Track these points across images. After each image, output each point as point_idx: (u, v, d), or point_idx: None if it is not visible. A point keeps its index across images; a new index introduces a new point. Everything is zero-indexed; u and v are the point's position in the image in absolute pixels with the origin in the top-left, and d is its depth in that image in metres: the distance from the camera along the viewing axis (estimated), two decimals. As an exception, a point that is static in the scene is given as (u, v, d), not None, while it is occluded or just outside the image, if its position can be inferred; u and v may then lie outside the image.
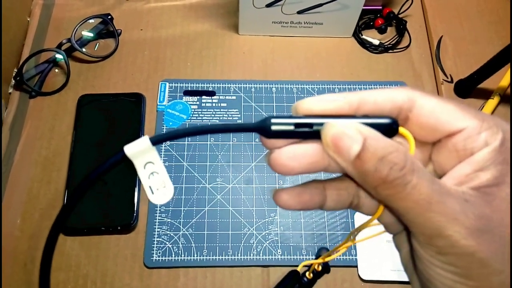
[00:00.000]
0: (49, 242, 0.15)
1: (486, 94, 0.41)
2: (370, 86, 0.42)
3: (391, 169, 0.12)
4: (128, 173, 0.37)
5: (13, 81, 0.41)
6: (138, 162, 0.14)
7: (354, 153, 0.12)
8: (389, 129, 0.13)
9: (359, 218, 0.36)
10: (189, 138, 0.39)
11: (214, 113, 0.40)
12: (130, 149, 0.14)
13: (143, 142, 0.14)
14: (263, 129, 0.13)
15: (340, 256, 0.35)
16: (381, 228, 0.15)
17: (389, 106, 0.13)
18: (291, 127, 0.13)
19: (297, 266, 0.34)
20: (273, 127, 0.13)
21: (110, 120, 0.39)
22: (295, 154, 0.13)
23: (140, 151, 0.14)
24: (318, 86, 0.42)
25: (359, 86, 0.42)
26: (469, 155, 0.13)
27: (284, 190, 0.14)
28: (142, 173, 0.14)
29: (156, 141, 0.14)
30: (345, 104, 0.13)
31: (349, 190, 0.15)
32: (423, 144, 0.14)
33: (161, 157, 0.38)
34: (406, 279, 0.34)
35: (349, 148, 0.12)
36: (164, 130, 0.39)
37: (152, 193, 0.14)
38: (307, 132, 0.13)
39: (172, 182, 0.38)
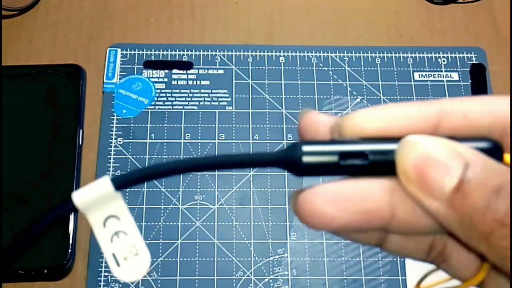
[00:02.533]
0: None
1: None
2: (430, 54, 0.41)
3: None
4: (59, 187, 0.36)
5: None
6: (94, 217, 0.13)
7: (452, 183, 0.12)
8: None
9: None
10: (152, 134, 0.39)
11: (190, 95, 0.40)
12: (81, 197, 0.13)
13: (101, 186, 0.13)
14: (290, 162, 0.13)
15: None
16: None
17: (487, 121, 0.13)
18: (335, 158, 0.13)
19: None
20: (306, 158, 0.13)
21: (31, 106, 0.38)
22: (340, 196, 0.13)
23: (97, 200, 0.13)
24: (350, 55, 0.41)
25: (413, 54, 0.41)
26: None
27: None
28: (100, 234, 0.14)
29: (122, 184, 0.13)
30: (418, 119, 0.13)
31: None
32: None
33: (109, 162, 0.38)
34: None
35: (443, 177, 0.12)
36: (115, 120, 0.39)
37: (118, 264, 0.13)
38: (360, 166, 0.13)
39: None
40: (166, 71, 0.40)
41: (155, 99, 0.40)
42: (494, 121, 0.13)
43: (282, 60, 0.41)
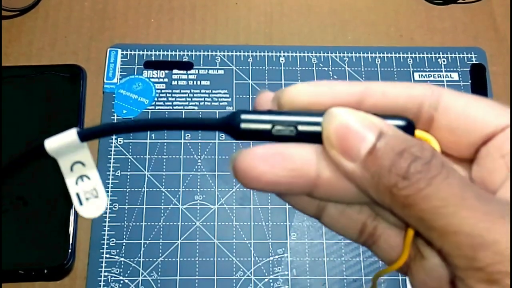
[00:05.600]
0: None
1: None
2: (430, 54, 0.42)
3: (412, 161, 0.13)
4: (59, 188, 0.37)
5: None
6: (63, 162, 0.16)
7: (366, 148, 0.14)
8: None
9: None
10: (152, 134, 0.39)
11: (191, 95, 0.40)
12: (52, 144, 0.15)
13: (69, 136, 0.15)
14: (230, 127, 0.15)
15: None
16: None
17: (403, 99, 0.15)
18: (268, 126, 0.15)
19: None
20: (243, 125, 0.15)
21: (32, 107, 0.39)
22: (269, 154, 0.14)
23: (65, 148, 0.15)
24: (350, 55, 0.42)
25: (413, 55, 0.42)
26: None
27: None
28: (68, 176, 0.16)
29: (86, 135, 0.15)
30: (343, 94, 0.15)
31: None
32: (458, 161, 0.16)
33: (109, 162, 0.38)
34: None
35: (359, 143, 0.14)
36: (115, 120, 0.39)
37: (81, 203, 0.16)
38: (289, 136, 0.15)
39: (107, 192, 0.38)
40: (167, 71, 0.41)
41: (156, 99, 0.40)
42: (409, 101, 0.15)
43: (282, 61, 0.42)
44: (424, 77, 0.41)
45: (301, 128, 0.15)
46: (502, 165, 0.14)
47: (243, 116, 0.15)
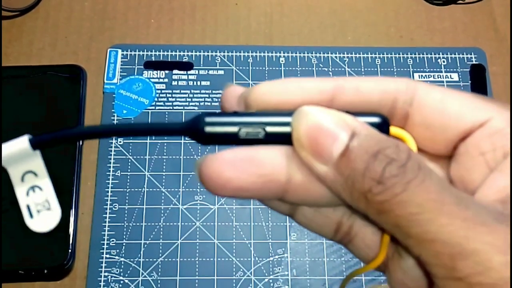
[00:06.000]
0: None
1: None
2: (429, 55, 0.42)
3: (387, 164, 0.12)
4: (59, 188, 0.37)
5: None
6: (13, 171, 0.15)
7: (339, 150, 0.13)
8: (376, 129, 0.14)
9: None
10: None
11: (191, 95, 0.40)
12: (2, 152, 0.15)
13: (20, 143, 0.15)
14: (194, 131, 0.14)
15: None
16: None
17: (377, 95, 0.15)
18: (234, 129, 0.14)
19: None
20: (208, 128, 0.14)
21: (32, 107, 0.39)
22: (237, 159, 0.13)
23: (16, 156, 0.15)
24: (349, 55, 0.42)
25: (413, 55, 0.42)
26: (502, 157, 0.13)
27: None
28: (18, 187, 0.15)
29: (38, 143, 0.15)
30: (314, 92, 0.14)
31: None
32: (435, 159, 0.15)
33: (109, 162, 0.38)
34: None
35: (331, 144, 0.13)
36: (115, 120, 0.39)
37: (31, 216, 0.15)
38: (257, 136, 0.14)
39: (107, 192, 0.38)
40: (167, 71, 0.41)
41: (156, 99, 0.40)
42: (383, 97, 0.15)
43: (282, 61, 0.42)
44: (424, 78, 0.42)
45: (269, 129, 0.14)
46: (481, 163, 0.14)
47: (208, 119, 0.14)
